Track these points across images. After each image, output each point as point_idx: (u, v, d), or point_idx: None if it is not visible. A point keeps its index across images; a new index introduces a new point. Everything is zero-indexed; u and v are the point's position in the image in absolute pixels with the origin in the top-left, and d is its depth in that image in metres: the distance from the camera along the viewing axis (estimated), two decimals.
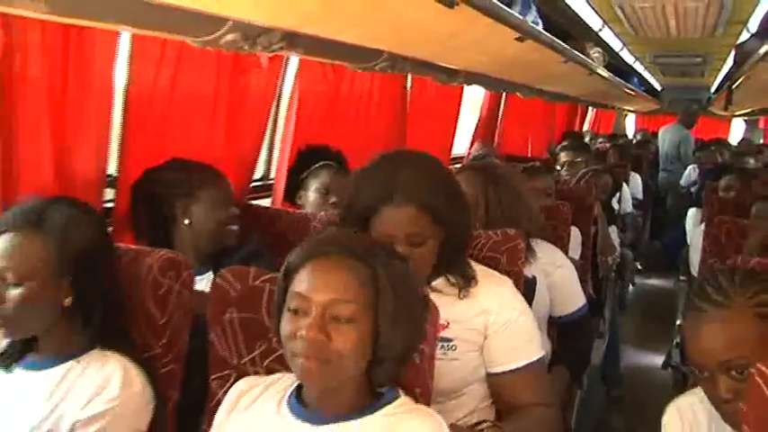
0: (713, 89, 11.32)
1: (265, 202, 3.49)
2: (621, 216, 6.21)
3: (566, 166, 5.70)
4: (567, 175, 5.45)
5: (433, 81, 4.57)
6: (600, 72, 6.26)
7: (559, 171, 5.65)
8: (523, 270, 2.47)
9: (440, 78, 4.32)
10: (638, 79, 10.39)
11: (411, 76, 4.61)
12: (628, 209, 6.63)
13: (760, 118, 13.00)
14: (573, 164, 5.65)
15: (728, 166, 6.49)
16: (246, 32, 2.23)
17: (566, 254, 3.22)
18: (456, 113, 5.93)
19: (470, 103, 6.46)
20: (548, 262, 2.94)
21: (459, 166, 3.61)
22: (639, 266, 7.51)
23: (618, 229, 5.52)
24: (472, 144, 6.64)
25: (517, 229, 2.47)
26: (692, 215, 5.72)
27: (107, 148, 2.50)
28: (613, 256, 4.74)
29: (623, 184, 6.53)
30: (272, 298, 1.75)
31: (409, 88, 4.78)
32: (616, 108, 13.25)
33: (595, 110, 12.40)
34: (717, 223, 3.65)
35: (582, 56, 5.40)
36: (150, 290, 2.04)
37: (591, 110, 12.15)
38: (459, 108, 5.94)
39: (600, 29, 6.16)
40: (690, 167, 9.08)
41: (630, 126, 15.51)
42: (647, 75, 10.62)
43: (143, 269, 2.05)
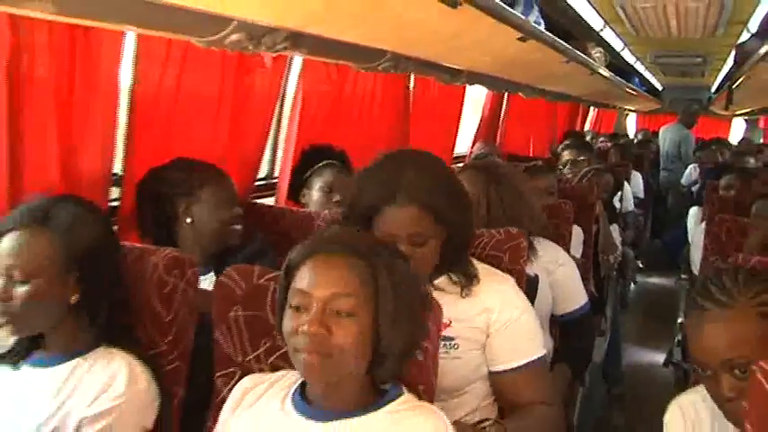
0: (714, 89, 11.29)
1: (269, 200, 3.50)
2: (623, 215, 6.19)
3: (568, 164, 5.69)
4: (569, 174, 5.45)
5: (436, 81, 4.56)
6: (601, 72, 6.25)
7: (562, 170, 5.65)
8: (526, 268, 2.46)
9: (443, 78, 4.31)
10: (639, 79, 10.37)
11: (414, 75, 4.61)
12: (629, 207, 6.63)
13: (760, 118, 12.97)
14: (575, 162, 5.66)
15: (729, 165, 6.50)
16: (251, 32, 2.23)
17: (567, 252, 3.22)
18: (458, 113, 5.92)
19: (472, 102, 6.45)
20: (550, 260, 2.94)
21: (462, 165, 3.62)
22: (641, 265, 7.52)
23: (619, 227, 5.52)
24: (474, 143, 6.64)
25: (519, 228, 2.47)
26: (694, 214, 5.74)
27: (113, 147, 2.50)
28: (615, 254, 4.75)
29: (624, 182, 6.52)
30: (276, 296, 1.75)
31: (412, 88, 4.78)
32: (617, 108, 13.23)
33: (597, 109, 12.38)
34: (717, 222, 3.66)
35: (583, 56, 5.40)
36: (155, 288, 2.05)
37: (592, 109, 12.14)
38: (461, 108, 5.94)
39: (601, 29, 6.16)
40: (690, 167, 9.07)
41: (631, 125, 15.48)
42: (647, 74, 10.60)
43: (148, 267, 2.05)
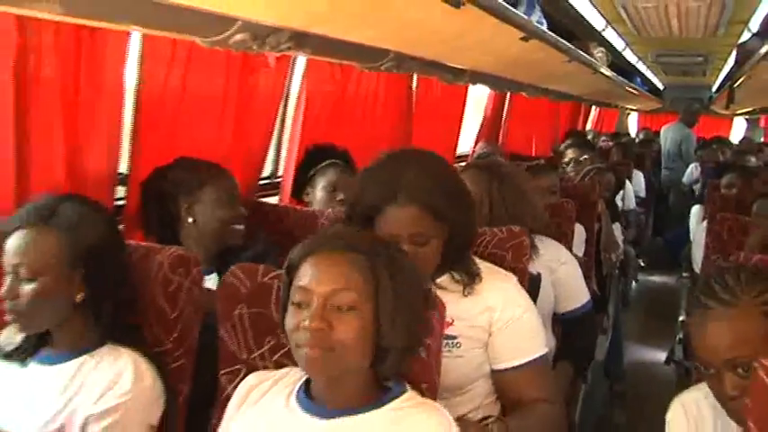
0: (715, 88, 11.27)
1: (273, 199, 3.51)
2: (625, 213, 6.19)
3: (572, 163, 5.70)
4: (572, 172, 5.46)
5: (439, 81, 4.56)
6: (603, 71, 6.24)
7: (565, 168, 5.65)
8: (528, 267, 2.47)
9: (446, 78, 4.31)
10: (640, 78, 10.36)
11: (417, 75, 4.62)
12: (631, 205, 6.63)
13: (761, 117, 12.97)
14: (579, 162, 5.66)
15: (730, 164, 6.50)
16: (255, 32, 2.23)
17: (570, 251, 3.22)
18: (461, 112, 5.93)
19: (474, 102, 6.46)
20: (552, 259, 2.94)
21: (464, 164, 3.63)
22: (642, 263, 7.52)
23: (621, 226, 5.52)
24: (477, 143, 6.65)
25: (522, 227, 2.47)
26: (696, 212, 5.74)
27: (118, 147, 2.51)
28: (617, 252, 4.75)
29: (626, 181, 6.54)
30: (280, 294, 1.76)
31: (415, 88, 4.78)
32: (619, 107, 13.22)
33: (598, 109, 12.38)
34: (719, 220, 3.67)
35: (586, 55, 5.39)
36: (161, 286, 2.05)
37: (594, 109, 12.13)
38: (463, 107, 5.95)
39: (603, 29, 6.16)
40: (692, 165, 9.07)
41: (633, 125, 15.48)
42: (649, 74, 10.59)
43: (153, 266, 2.06)
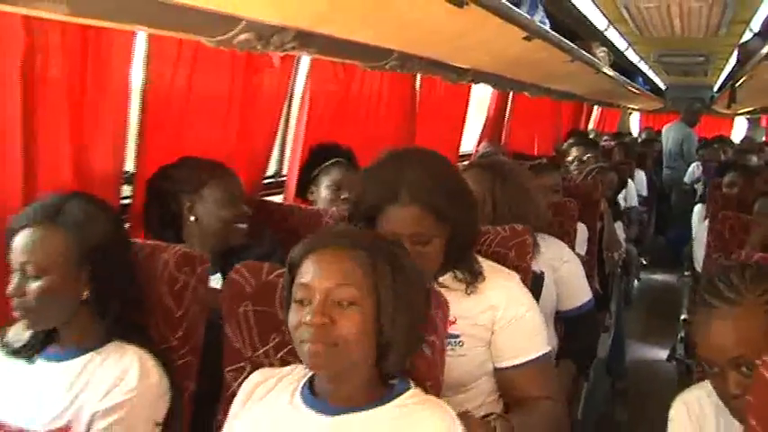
0: (716, 88, 11.24)
1: (278, 198, 3.51)
2: (627, 210, 6.19)
3: (575, 161, 5.71)
4: (575, 171, 5.48)
5: (443, 80, 4.56)
6: (605, 71, 6.24)
7: (569, 166, 5.66)
8: (531, 265, 2.47)
9: (449, 77, 4.31)
10: (642, 78, 10.35)
11: (420, 75, 4.62)
12: (633, 203, 6.63)
13: (762, 116, 12.96)
14: (582, 160, 5.67)
15: (732, 163, 6.51)
16: (260, 32, 2.24)
17: (572, 249, 3.23)
18: (464, 112, 5.94)
19: (477, 102, 6.47)
20: (555, 257, 2.95)
21: (467, 163, 3.63)
22: (644, 262, 7.51)
23: (623, 224, 5.52)
24: (480, 142, 6.66)
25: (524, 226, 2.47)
26: (698, 211, 5.74)
27: (124, 146, 2.53)
28: (619, 251, 4.75)
29: (629, 179, 6.53)
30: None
31: (418, 87, 4.79)
32: (621, 106, 13.22)
33: (600, 108, 12.37)
34: (721, 219, 3.67)
35: (588, 55, 5.40)
36: (166, 284, 2.07)
37: (596, 108, 12.13)
38: (466, 106, 5.96)
39: (605, 29, 6.16)
40: (693, 165, 9.08)
41: (635, 124, 15.47)
42: (651, 74, 10.58)
43: (159, 264, 2.08)
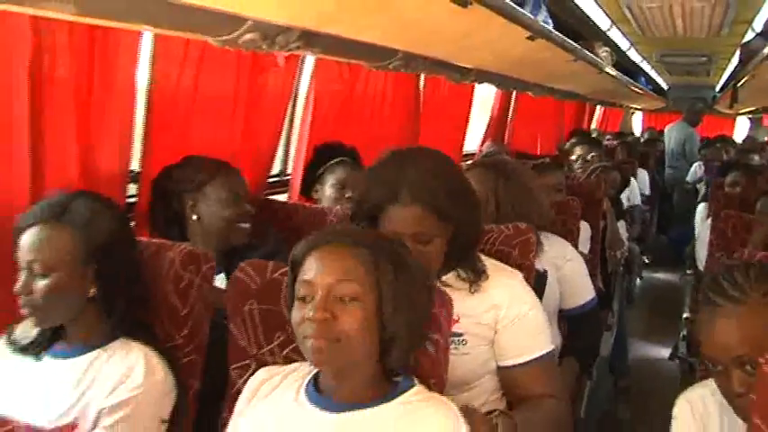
0: (718, 88, 11.24)
1: (282, 197, 3.52)
2: (630, 209, 6.19)
3: (580, 160, 5.72)
4: (579, 169, 5.48)
5: (446, 80, 4.55)
6: (608, 71, 6.24)
7: (573, 164, 5.67)
8: (535, 263, 2.48)
9: (453, 77, 4.30)
10: (644, 78, 10.35)
11: (424, 75, 4.63)
12: (636, 201, 6.63)
13: (764, 116, 12.94)
14: (586, 159, 5.68)
15: (734, 162, 6.51)
16: (265, 32, 2.24)
17: (575, 248, 3.23)
18: (467, 111, 5.95)
19: (480, 102, 6.48)
20: (558, 255, 2.95)
21: (470, 162, 3.64)
22: (647, 261, 7.53)
23: (626, 223, 5.53)
24: (484, 142, 6.67)
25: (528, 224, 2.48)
26: (701, 210, 5.75)
27: (130, 146, 2.54)
28: (622, 250, 4.77)
29: (631, 178, 6.54)
30: None
31: (422, 87, 4.80)
32: (623, 106, 13.22)
33: (603, 108, 12.37)
34: (723, 218, 3.67)
35: (591, 55, 5.39)
36: (172, 283, 2.07)
37: (599, 108, 12.13)
38: (470, 106, 5.97)
39: (608, 29, 6.17)
40: (695, 164, 9.07)
41: (637, 124, 15.47)
42: (653, 74, 10.57)
43: (165, 262, 2.08)
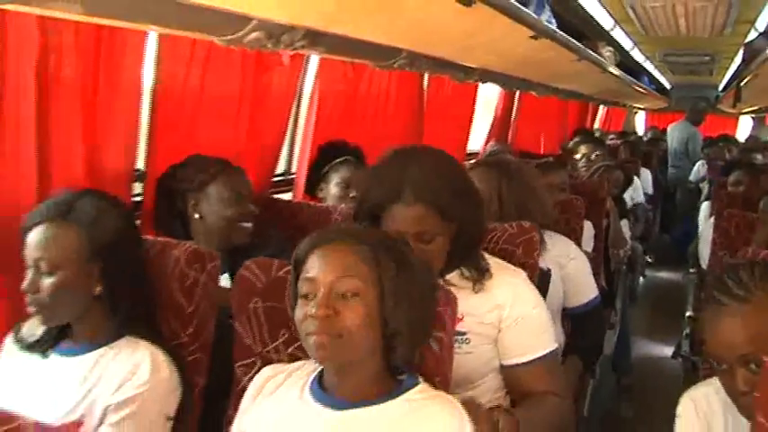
0: (721, 87, 11.21)
1: (287, 195, 3.54)
2: (633, 207, 6.19)
3: (584, 159, 5.73)
4: (583, 168, 5.49)
5: (450, 79, 4.56)
6: (611, 70, 6.24)
7: (576, 164, 5.68)
8: (538, 262, 2.48)
9: (457, 76, 4.31)
10: (648, 77, 10.33)
11: (428, 74, 4.63)
12: (639, 199, 6.63)
13: (767, 115, 12.96)
14: (590, 159, 5.69)
15: (737, 161, 6.52)
16: (270, 31, 2.26)
17: (579, 247, 3.22)
18: (471, 111, 5.97)
19: (484, 101, 6.49)
20: (561, 254, 2.95)
21: (473, 161, 3.65)
22: (649, 259, 7.53)
23: (629, 222, 5.53)
24: (488, 141, 6.68)
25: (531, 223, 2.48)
26: (704, 209, 5.75)
27: (135, 145, 2.55)
28: (625, 248, 4.77)
29: (634, 177, 6.55)
30: None
31: (426, 87, 4.80)
32: (627, 106, 13.21)
33: (606, 107, 12.36)
34: (726, 217, 3.68)
35: (594, 54, 5.39)
36: (177, 281, 2.08)
37: (602, 108, 12.13)
38: (473, 106, 5.99)
39: (611, 28, 6.16)
40: (698, 163, 9.06)
41: (640, 124, 15.46)
42: (656, 73, 10.56)
43: (170, 261, 2.09)
